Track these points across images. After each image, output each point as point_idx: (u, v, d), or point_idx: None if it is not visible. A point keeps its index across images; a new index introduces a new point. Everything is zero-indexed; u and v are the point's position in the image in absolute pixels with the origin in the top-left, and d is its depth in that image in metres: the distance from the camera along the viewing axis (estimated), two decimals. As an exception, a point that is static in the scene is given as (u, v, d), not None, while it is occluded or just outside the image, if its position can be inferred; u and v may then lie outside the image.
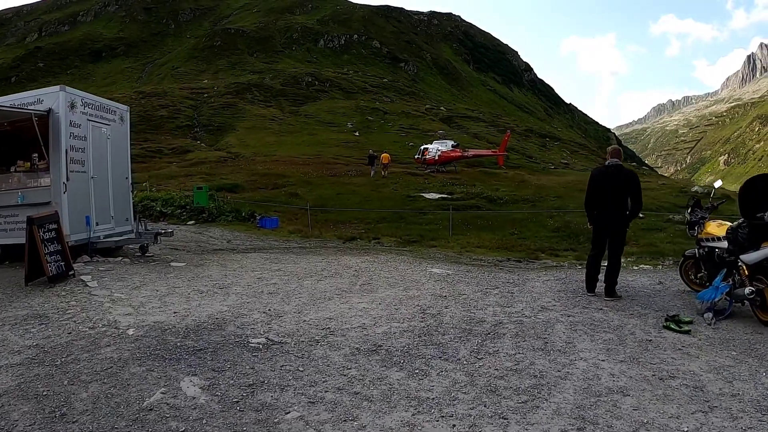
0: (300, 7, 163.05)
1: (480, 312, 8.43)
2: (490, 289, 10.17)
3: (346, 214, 25.93)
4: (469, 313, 8.36)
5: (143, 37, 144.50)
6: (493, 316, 8.20)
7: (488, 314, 8.29)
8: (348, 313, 8.21)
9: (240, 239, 19.11)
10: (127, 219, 14.04)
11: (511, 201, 31.93)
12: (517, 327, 7.59)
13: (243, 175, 39.98)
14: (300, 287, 9.95)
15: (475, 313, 8.33)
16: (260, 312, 8.07)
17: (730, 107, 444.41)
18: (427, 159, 50.18)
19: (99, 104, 13.16)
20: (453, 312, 8.39)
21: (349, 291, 9.81)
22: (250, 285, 10.01)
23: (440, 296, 9.51)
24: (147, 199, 26.88)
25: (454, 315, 8.22)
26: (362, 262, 13.28)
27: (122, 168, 14.12)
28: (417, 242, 18.98)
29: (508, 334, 7.24)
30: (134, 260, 12.66)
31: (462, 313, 8.35)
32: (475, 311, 8.47)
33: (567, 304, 9.05)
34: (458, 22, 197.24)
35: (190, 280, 10.27)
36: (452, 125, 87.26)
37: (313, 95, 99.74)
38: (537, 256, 16.51)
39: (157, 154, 56.98)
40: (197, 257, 13.67)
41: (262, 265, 12.43)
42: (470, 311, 8.47)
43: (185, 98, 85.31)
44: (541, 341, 6.93)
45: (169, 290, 9.35)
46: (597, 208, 9.82)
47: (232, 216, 24.38)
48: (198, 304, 8.44)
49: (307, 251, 15.89)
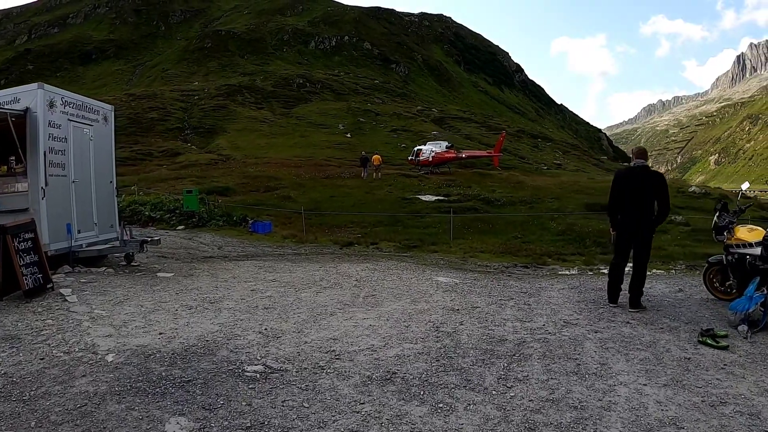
0: (291, 8, 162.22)
1: (499, 328, 7.70)
2: (505, 301, 9.49)
3: (341, 217, 25.10)
4: (487, 330, 7.64)
5: (133, 39, 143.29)
6: (514, 333, 7.50)
7: (508, 331, 7.58)
8: (353, 331, 7.40)
9: (232, 245, 18.23)
10: (112, 226, 13.17)
11: (509, 203, 31.23)
12: (542, 346, 6.89)
13: (234, 178, 39.12)
14: (298, 300, 9.13)
15: (493, 330, 7.61)
16: (256, 332, 7.25)
17: (720, 107, 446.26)
18: (420, 160, 49.42)
19: (81, 103, 12.27)
20: (469, 329, 7.65)
21: (352, 304, 9.00)
22: (243, 298, 9.17)
23: (452, 310, 8.75)
24: (135, 203, 25.97)
25: (471, 333, 7.47)
26: (362, 271, 12.47)
27: (106, 171, 13.21)
28: (417, 247, 18.21)
29: (535, 355, 6.54)
30: (119, 270, 11.77)
31: (479, 330, 7.62)
32: (494, 327, 7.75)
33: (590, 317, 8.39)
34: (449, 24, 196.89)
35: (178, 294, 9.42)
36: (444, 126, 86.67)
37: (305, 97, 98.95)
38: (544, 262, 15.87)
39: (147, 156, 56.09)
40: (186, 266, 12.78)
41: (255, 275, 11.59)
42: (488, 328, 7.74)
43: (175, 100, 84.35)
44: (573, 363, 6.25)
45: (154, 305, 8.50)
46: (621, 212, 9.12)
47: (223, 220, 23.48)
48: (186, 322, 7.60)
49: (303, 258, 15.06)
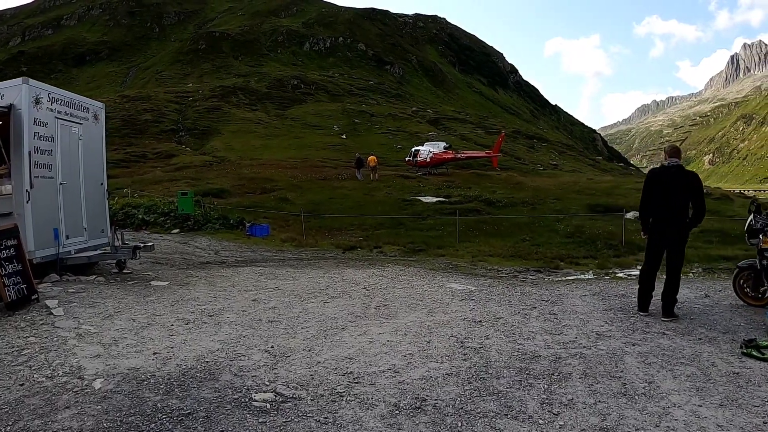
0: (285, 9, 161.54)
1: (529, 343, 7.05)
2: (528, 310, 8.88)
3: (341, 220, 24.35)
4: (517, 344, 6.98)
5: (127, 40, 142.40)
6: (546, 347, 6.85)
7: (539, 346, 6.93)
8: (370, 349, 6.67)
9: (229, 250, 17.42)
10: (103, 230, 12.37)
11: (510, 204, 30.59)
12: (580, 363, 6.27)
13: (229, 180, 38.31)
14: (305, 312, 8.39)
15: (523, 345, 6.94)
16: (261, 350, 6.49)
17: (714, 107, 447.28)
18: (418, 161, 48.74)
19: (69, 100, 11.47)
20: (497, 344, 6.98)
21: (364, 316, 8.27)
22: (244, 310, 8.41)
23: (474, 321, 8.07)
24: (128, 206, 25.04)
25: (500, 348, 6.80)
26: (370, 277, 11.74)
27: (96, 173, 12.38)
28: (423, 251, 17.46)
29: (575, 374, 5.91)
30: (109, 279, 10.95)
31: (508, 345, 6.96)
32: (523, 342, 7.09)
33: (623, 327, 7.82)
34: (443, 24, 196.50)
35: (174, 305, 8.63)
36: (439, 127, 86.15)
37: (299, 98, 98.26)
38: (557, 265, 15.25)
39: (141, 158, 55.29)
40: (182, 273, 11.96)
41: (256, 283, 10.83)
42: (516, 342, 7.08)
43: (170, 102, 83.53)
44: (618, 382, 5.65)
45: (148, 319, 7.72)
46: (654, 215, 8.54)
47: (220, 223, 22.63)
48: (183, 339, 6.82)
49: (305, 264, 14.29)
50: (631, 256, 17.29)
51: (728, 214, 29.44)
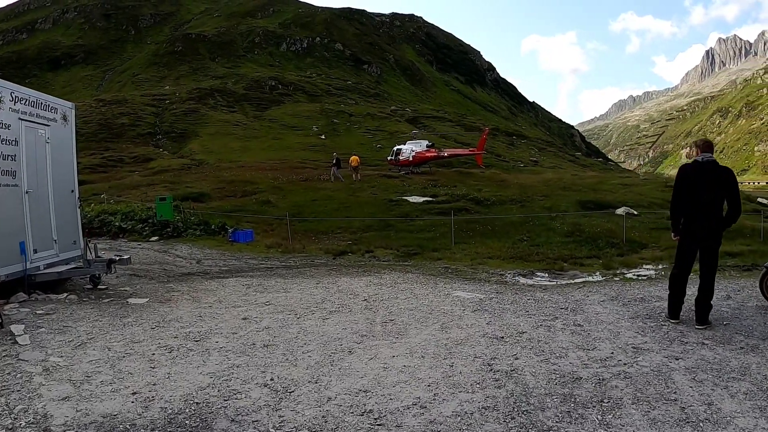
0: (261, 10, 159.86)
1: (563, 362, 6.25)
2: (549, 321, 8.10)
3: (327, 223, 23.39)
4: (551, 364, 6.16)
5: (103, 43, 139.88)
6: (584, 367, 6.07)
7: (576, 365, 6.14)
8: (386, 377, 5.76)
9: (212, 258, 16.34)
10: (75, 242, 11.25)
11: (498, 202, 29.94)
12: (627, 384, 5.54)
13: (209, 183, 37.18)
14: (303, 332, 7.44)
15: (559, 365, 6.13)
16: (260, 385, 5.52)
17: (691, 101, 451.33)
18: (400, 160, 47.85)
19: (35, 100, 10.39)
20: (530, 365, 6.15)
21: (371, 335, 7.36)
22: (235, 332, 7.41)
23: (495, 338, 7.23)
24: (105, 213, 23.80)
25: (535, 371, 5.95)
26: (367, 287, 10.83)
27: (66, 179, 11.27)
28: (417, 254, 16.60)
29: (627, 399, 5.16)
30: (83, 296, 9.83)
31: (542, 365, 6.13)
32: (557, 361, 6.28)
33: (658, 338, 7.13)
34: (420, 23, 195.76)
35: (154, 328, 7.58)
36: (418, 126, 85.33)
37: (277, 99, 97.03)
38: (561, 267, 14.67)
39: (118, 163, 53.94)
40: (162, 288, 10.88)
41: (244, 297, 9.85)
42: (550, 361, 6.26)
43: (146, 105, 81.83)
44: (675, 407, 4.98)
45: (125, 348, 6.69)
46: (686, 215, 7.83)
47: (201, 229, 21.54)
48: (167, 373, 5.82)
49: (295, 272, 13.28)
50: (634, 255, 16.72)
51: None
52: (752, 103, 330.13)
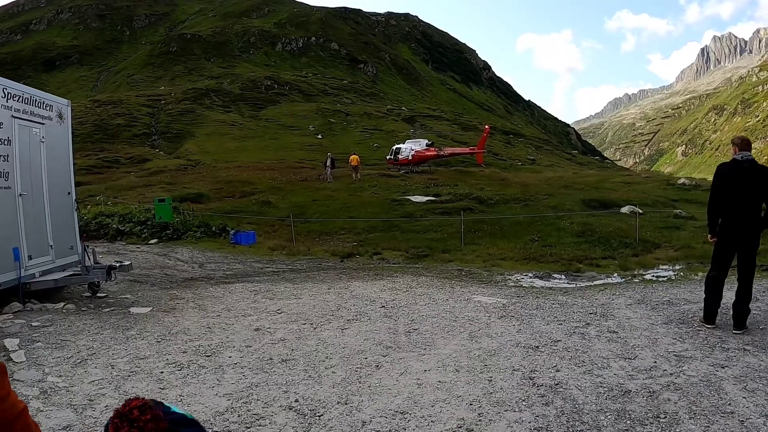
0: (256, 10, 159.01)
1: (608, 374, 5.79)
2: (582, 328, 7.61)
3: (330, 224, 22.81)
4: (595, 377, 5.70)
5: (97, 44, 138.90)
6: (631, 379, 5.63)
7: (621, 376, 5.70)
8: (422, 395, 5.21)
9: (214, 261, 15.72)
10: (72, 247, 10.63)
11: (502, 201, 29.44)
12: (680, 397, 5.15)
13: (207, 184, 36.54)
14: (322, 344, 6.86)
15: (603, 377, 5.69)
16: (284, 408, 4.94)
17: (686, 99, 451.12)
18: (400, 159, 47.28)
19: (29, 97, 9.78)
20: (574, 378, 5.68)
21: (396, 346, 6.79)
22: (248, 345, 6.82)
23: (529, 347, 6.74)
24: (102, 215, 23.13)
25: (580, 385, 5.48)
26: (382, 292, 10.26)
27: (63, 181, 10.64)
28: (427, 256, 16.02)
29: (682, 414, 4.80)
30: (81, 305, 9.21)
31: (586, 378, 5.67)
32: (601, 372, 5.83)
33: (698, 345, 6.74)
34: (416, 23, 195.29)
35: (160, 342, 6.97)
36: (415, 125, 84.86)
37: (273, 99, 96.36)
38: (578, 269, 14.12)
39: (114, 164, 53.20)
40: (165, 295, 10.27)
41: (254, 305, 9.26)
42: (593, 373, 5.80)
43: (142, 106, 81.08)
44: (734, 420, 4.65)
45: (130, 365, 6.09)
46: (724, 215, 7.41)
47: (201, 231, 20.90)
48: (179, 395, 5.23)
49: (304, 277, 12.68)
50: (649, 255, 16.26)
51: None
52: (748, 101, 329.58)
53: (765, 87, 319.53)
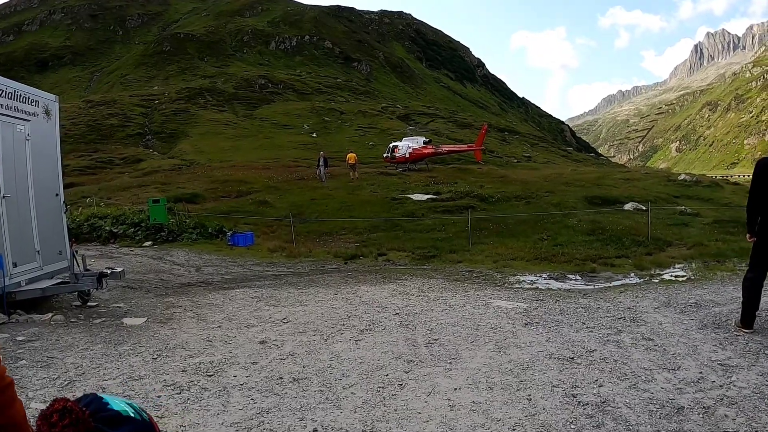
0: (249, 9, 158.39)
1: (655, 387, 5.28)
2: (614, 335, 7.10)
3: (330, 223, 22.14)
4: (642, 391, 5.19)
5: (90, 44, 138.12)
6: (680, 393, 5.15)
7: (670, 390, 5.21)
8: (456, 420, 4.58)
9: (212, 265, 15.01)
10: (61, 252, 9.88)
11: (504, 199, 28.90)
12: (737, 413, 4.68)
13: (202, 183, 35.84)
14: (336, 359, 6.21)
15: (651, 392, 5.17)
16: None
17: (680, 95, 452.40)
18: (397, 157, 46.61)
19: (13, 91, 9.08)
20: (620, 394, 5.15)
21: (418, 360, 6.16)
22: (255, 362, 6.14)
23: (564, 358, 6.18)
24: (94, 217, 22.38)
25: (628, 401, 4.95)
26: (393, 297, 9.62)
27: (50, 181, 9.92)
28: (434, 257, 15.35)
29: None
30: (70, 316, 8.50)
31: (633, 394, 5.14)
32: (647, 387, 5.30)
33: (740, 352, 6.30)
34: (409, 21, 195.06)
35: (157, 359, 6.27)
36: (410, 123, 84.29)
37: (267, 98, 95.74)
38: (593, 269, 13.55)
39: (107, 164, 52.61)
40: (160, 303, 9.54)
41: (256, 313, 8.58)
42: (639, 388, 5.28)
43: (135, 106, 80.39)
44: None
45: (123, 387, 5.38)
46: (763, 213, 6.96)
47: (197, 233, 20.17)
48: (179, 425, 4.52)
49: (307, 281, 11.98)
50: (662, 254, 15.74)
51: (723, 202, 28.28)
52: (741, 97, 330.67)
53: (758, 83, 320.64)
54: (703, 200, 29.41)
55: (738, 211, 23.19)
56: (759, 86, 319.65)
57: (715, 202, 28.33)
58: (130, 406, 1.55)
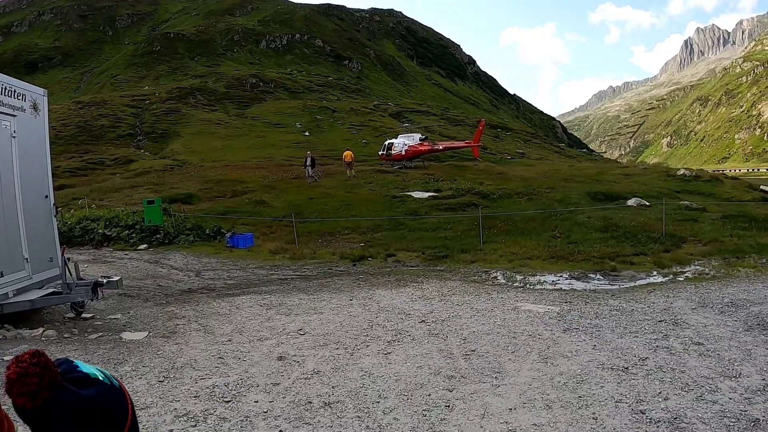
0: (240, 8, 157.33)
1: (722, 398, 4.85)
2: (662, 341, 6.62)
3: (332, 223, 21.39)
4: (710, 403, 4.75)
5: (80, 45, 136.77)
6: (750, 403, 4.77)
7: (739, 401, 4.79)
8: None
9: (212, 269, 14.23)
10: (52, 259, 9.04)
11: (505, 196, 28.29)
12: None
13: (195, 183, 35.00)
14: (368, 378, 5.50)
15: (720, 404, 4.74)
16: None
17: (670, 91, 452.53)
18: (393, 154, 45.90)
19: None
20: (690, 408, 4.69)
21: (459, 375, 5.48)
22: (276, 382, 5.41)
23: (617, 368, 5.66)
24: (86, 220, 21.51)
25: (701, 416, 4.49)
26: (413, 302, 8.91)
27: (39, 182, 9.15)
28: (446, 257, 14.60)
29: None
30: (63, 330, 7.70)
31: (702, 406, 4.69)
32: (715, 398, 4.86)
33: None
34: (400, 18, 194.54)
35: (164, 382, 5.49)
36: (402, 120, 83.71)
37: (258, 97, 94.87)
38: (613, 267, 12.91)
39: (98, 165, 51.78)
40: (162, 313, 8.77)
41: (268, 324, 7.82)
42: (706, 399, 4.84)
43: (126, 106, 79.35)
44: None
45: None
46: None
47: (194, 235, 19.38)
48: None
49: (317, 285, 11.19)
50: (679, 250, 15.16)
51: (725, 196, 27.76)
52: (732, 92, 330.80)
53: (748, 78, 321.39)
54: (704, 195, 28.85)
55: (743, 206, 22.79)
56: (749, 81, 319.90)
57: (716, 197, 27.78)
58: (101, 371, 1.54)
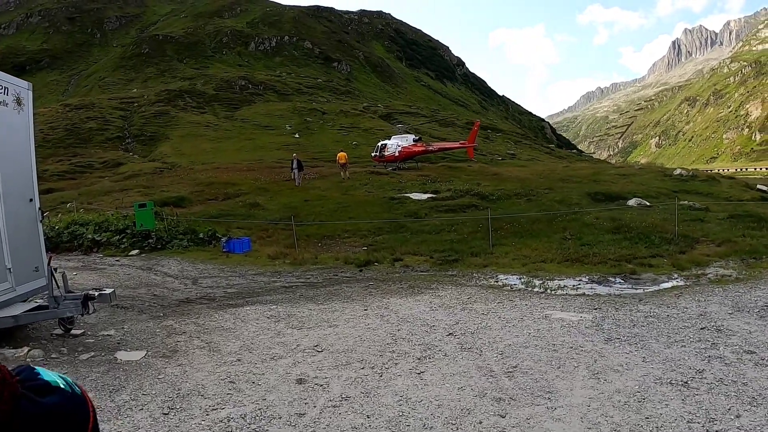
0: (228, 10, 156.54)
1: None
2: (709, 349, 6.17)
3: (329, 226, 20.66)
4: None
5: (68, 48, 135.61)
6: None
7: None
8: None
9: (209, 275, 13.44)
10: (37, 268, 8.22)
11: (504, 197, 27.76)
12: None
13: (186, 186, 34.18)
14: (404, 402, 4.79)
15: None
16: None
17: (658, 91, 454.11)
18: (386, 156, 45.29)
19: (-25, 79, 7.58)
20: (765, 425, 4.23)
21: (507, 396, 4.80)
22: (301, 412, 4.65)
23: (676, 384, 5.12)
24: (75, 224, 20.66)
25: None
26: (434, 311, 8.22)
27: (22, 184, 8.31)
28: (456, 260, 13.92)
29: None
30: (51, 350, 6.90)
31: None
32: None
33: None
34: (389, 20, 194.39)
35: (169, 414, 4.72)
36: (392, 122, 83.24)
37: (248, 99, 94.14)
38: (632, 270, 12.39)
39: (87, 168, 51.09)
40: (160, 329, 7.95)
41: (279, 339, 7.05)
42: None
43: (114, 109, 78.56)
44: None
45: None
46: None
47: (188, 239, 18.57)
48: None
49: (325, 293, 10.43)
50: (695, 252, 14.62)
51: (723, 196, 27.34)
52: (720, 92, 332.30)
53: (736, 78, 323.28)
54: (702, 195, 28.43)
55: (744, 205, 22.32)
56: (737, 81, 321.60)
57: (715, 196, 27.36)
58: (62, 378, 1.36)
